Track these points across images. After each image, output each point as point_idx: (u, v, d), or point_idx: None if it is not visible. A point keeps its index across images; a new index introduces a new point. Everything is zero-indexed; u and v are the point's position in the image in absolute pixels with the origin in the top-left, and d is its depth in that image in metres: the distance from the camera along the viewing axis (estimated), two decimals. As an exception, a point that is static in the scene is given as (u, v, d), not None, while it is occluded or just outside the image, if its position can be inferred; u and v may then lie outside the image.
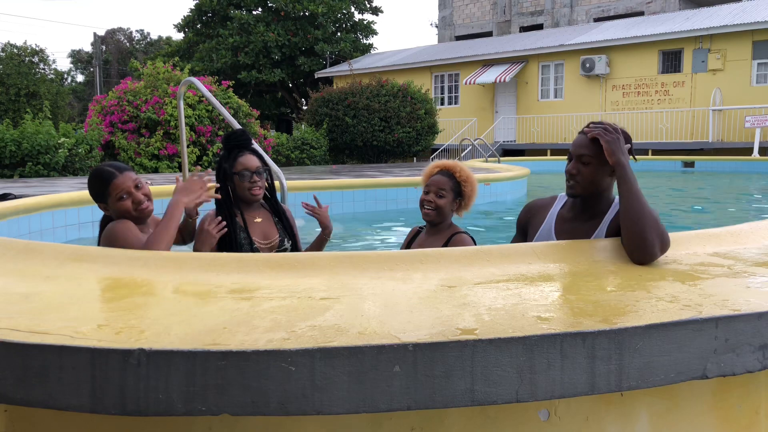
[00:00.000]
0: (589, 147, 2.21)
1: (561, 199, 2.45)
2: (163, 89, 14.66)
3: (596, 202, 2.29)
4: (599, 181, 2.23)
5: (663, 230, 1.99)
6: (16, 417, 1.47)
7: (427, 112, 19.99)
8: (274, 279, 1.79)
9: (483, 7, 30.78)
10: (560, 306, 1.50)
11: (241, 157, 2.82)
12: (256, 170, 2.81)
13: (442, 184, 2.76)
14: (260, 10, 30.10)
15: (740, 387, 1.60)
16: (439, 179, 2.77)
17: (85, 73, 51.89)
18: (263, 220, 2.91)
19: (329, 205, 3.01)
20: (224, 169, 2.83)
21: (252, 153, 2.86)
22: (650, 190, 12.43)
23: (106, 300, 1.64)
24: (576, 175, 2.23)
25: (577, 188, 2.25)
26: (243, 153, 2.84)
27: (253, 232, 2.84)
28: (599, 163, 2.21)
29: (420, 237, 2.89)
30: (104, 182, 2.44)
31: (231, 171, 2.81)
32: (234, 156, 2.83)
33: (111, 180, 2.43)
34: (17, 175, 12.36)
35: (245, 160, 2.81)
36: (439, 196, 2.74)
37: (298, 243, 2.98)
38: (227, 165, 2.82)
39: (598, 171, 2.21)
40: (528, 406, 1.44)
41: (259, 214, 2.91)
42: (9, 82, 25.93)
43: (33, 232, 5.33)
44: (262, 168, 2.85)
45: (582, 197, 2.28)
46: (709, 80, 19.62)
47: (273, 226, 2.92)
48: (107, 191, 2.43)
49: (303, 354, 1.23)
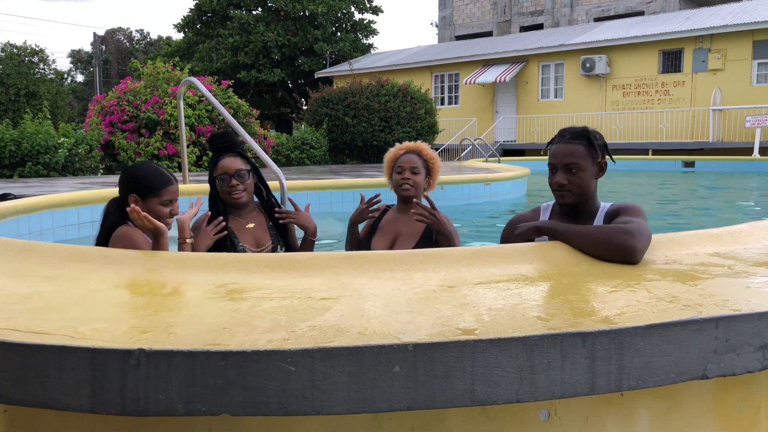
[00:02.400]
0: (573, 155, 2.22)
1: (545, 210, 2.45)
2: (162, 89, 14.66)
3: (585, 206, 2.29)
4: (589, 185, 2.25)
5: (626, 232, 1.93)
6: (16, 417, 1.47)
7: (427, 112, 19.99)
8: (274, 279, 1.79)
9: (483, 7, 30.78)
10: (560, 306, 1.50)
11: (221, 160, 2.76)
12: (236, 173, 2.72)
13: (414, 162, 2.90)
14: (260, 10, 30.11)
15: (740, 387, 1.60)
16: (410, 157, 2.91)
17: (85, 73, 51.92)
18: (256, 226, 2.83)
19: (310, 204, 2.96)
20: (210, 175, 2.80)
21: (236, 155, 2.78)
22: (650, 191, 12.44)
23: (106, 300, 1.64)
24: (566, 185, 2.23)
25: (569, 197, 2.25)
26: (223, 156, 2.77)
27: (244, 238, 2.77)
28: (586, 167, 2.22)
29: (391, 216, 2.97)
30: (163, 182, 2.43)
31: (212, 175, 2.78)
32: (215, 159, 2.78)
33: (170, 183, 2.45)
34: (17, 175, 12.36)
35: (225, 163, 2.74)
36: (414, 172, 2.88)
37: (294, 246, 2.93)
38: (210, 168, 2.80)
39: (586, 175, 2.23)
40: (528, 407, 1.44)
41: (253, 219, 2.84)
42: (9, 82, 25.93)
43: (33, 232, 5.33)
44: (244, 170, 2.75)
45: (571, 204, 2.29)
46: (709, 80, 19.62)
47: (266, 231, 2.85)
48: (161, 192, 2.41)
49: (303, 354, 1.23)
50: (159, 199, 2.42)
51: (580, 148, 2.22)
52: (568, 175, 2.23)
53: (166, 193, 2.43)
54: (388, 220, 2.96)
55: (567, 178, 2.23)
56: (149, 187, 2.42)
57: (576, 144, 2.23)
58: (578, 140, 2.24)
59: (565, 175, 2.23)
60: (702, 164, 16.52)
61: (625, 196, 11.01)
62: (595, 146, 2.24)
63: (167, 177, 2.47)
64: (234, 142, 2.84)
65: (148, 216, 2.25)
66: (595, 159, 2.25)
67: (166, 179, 2.45)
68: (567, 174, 2.23)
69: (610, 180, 13.35)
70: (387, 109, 19.37)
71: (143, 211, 2.29)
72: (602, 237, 1.96)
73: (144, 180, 2.43)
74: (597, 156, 2.25)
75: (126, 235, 2.37)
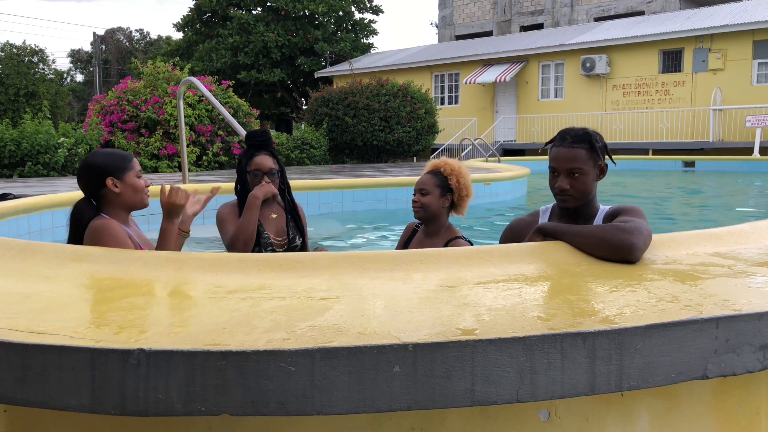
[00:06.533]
0: (575, 159, 2.20)
1: (545, 213, 2.45)
2: (162, 89, 14.66)
3: (585, 209, 2.30)
4: (590, 187, 2.25)
5: (625, 231, 1.94)
6: (16, 417, 1.47)
7: (427, 111, 19.99)
8: (274, 279, 1.78)
9: (483, 7, 30.77)
10: (560, 306, 1.50)
11: (256, 157, 3.00)
12: (269, 171, 2.99)
13: (424, 183, 2.82)
14: (260, 10, 30.10)
15: (741, 387, 1.60)
16: (422, 178, 2.85)
17: (85, 73, 51.90)
18: (278, 217, 3.09)
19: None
20: (242, 165, 3.04)
21: (269, 154, 3.03)
22: (650, 190, 12.44)
23: (106, 300, 1.63)
24: (568, 190, 2.22)
25: (570, 201, 2.25)
26: (259, 153, 3.01)
27: (268, 227, 3.02)
28: (588, 171, 2.22)
29: (417, 236, 2.93)
30: (127, 156, 2.50)
31: (245, 169, 3.02)
32: (251, 155, 3.02)
33: (132, 156, 2.53)
34: (17, 175, 12.36)
35: (260, 161, 3.00)
36: (423, 194, 2.79)
37: (306, 241, 3.17)
38: (244, 162, 3.03)
39: (588, 179, 2.23)
40: (528, 407, 1.44)
41: (275, 211, 3.09)
42: (8, 82, 25.94)
43: (33, 232, 5.33)
44: (275, 169, 3.03)
45: (572, 207, 2.29)
46: (709, 80, 19.61)
47: (285, 224, 3.10)
48: (132, 164, 2.47)
49: (303, 354, 1.23)
50: (134, 172, 2.47)
51: (582, 153, 2.21)
52: (570, 179, 2.22)
53: (135, 165, 2.50)
54: (416, 239, 2.94)
55: (569, 182, 2.22)
56: (120, 165, 2.45)
57: (578, 148, 2.21)
58: (580, 144, 2.22)
59: (567, 179, 2.22)
60: (702, 164, 16.52)
61: (625, 196, 11.01)
62: (596, 149, 2.24)
63: (126, 152, 2.57)
64: (271, 142, 3.09)
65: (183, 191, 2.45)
66: (596, 162, 2.24)
67: (127, 154, 2.54)
68: (569, 179, 2.22)
69: (611, 180, 13.35)
70: (387, 108, 19.36)
71: (123, 189, 2.41)
72: (601, 235, 1.97)
73: (112, 160, 2.46)
74: (598, 159, 2.25)
75: (104, 226, 2.36)
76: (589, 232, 2.02)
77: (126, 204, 2.45)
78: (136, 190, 2.44)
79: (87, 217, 2.43)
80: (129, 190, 2.43)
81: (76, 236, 2.42)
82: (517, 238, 2.41)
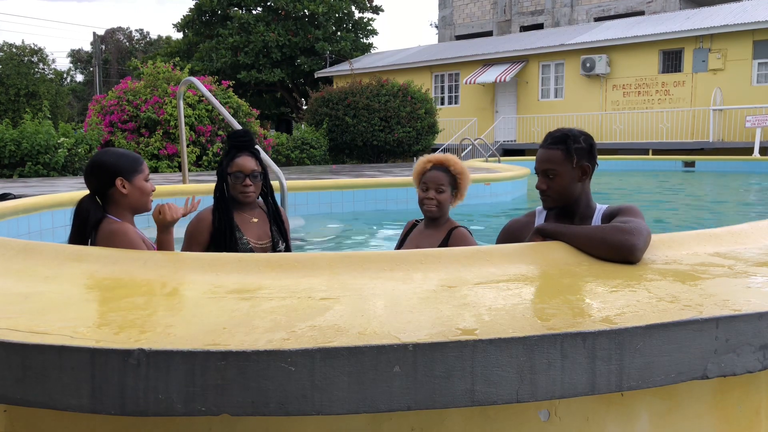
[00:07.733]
0: (549, 161, 2.26)
1: (540, 213, 2.47)
2: (162, 89, 14.66)
3: (577, 207, 2.32)
4: (569, 189, 2.28)
5: (625, 231, 1.95)
6: (16, 417, 1.47)
7: (427, 111, 19.98)
8: (274, 279, 1.78)
9: (483, 7, 30.77)
10: (560, 306, 1.50)
11: (238, 158, 2.84)
12: (251, 173, 2.82)
13: (441, 180, 2.78)
14: (260, 10, 30.10)
15: (740, 387, 1.60)
16: (436, 175, 2.79)
17: (85, 73, 51.90)
18: (259, 221, 2.93)
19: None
20: (222, 167, 2.86)
21: (251, 155, 2.87)
22: (650, 190, 12.43)
23: (106, 300, 1.63)
24: (546, 190, 2.29)
25: (550, 201, 2.32)
26: (241, 154, 2.85)
27: (248, 232, 2.86)
28: (563, 173, 2.25)
29: (417, 230, 2.91)
30: (139, 158, 2.49)
31: (226, 171, 2.85)
32: (232, 156, 2.86)
33: (142, 159, 2.51)
34: (17, 175, 12.36)
35: (241, 162, 2.83)
36: (439, 191, 2.77)
37: (289, 245, 3.01)
38: (225, 163, 2.86)
39: (564, 180, 2.26)
40: (528, 407, 1.44)
41: (256, 215, 2.93)
42: (8, 82, 25.95)
43: (33, 232, 5.33)
44: (258, 171, 2.86)
45: (560, 207, 2.33)
46: (709, 80, 19.61)
47: (268, 227, 2.94)
48: (142, 166, 2.47)
49: (303, 354, 1.23)
50: (143, 175, 2.46)
51: (557, 154, 2.25)
52: (547, 180, 2.28)
53: (145, 168, 2.49)
54: (414, 234, 2.91)
55: (546, 183, 2.28)
56: (131, 167, 2.44)
57: (553, 150, 2.26)
58: (556, 146, 2.27)
59: (544, 179, 2.29)
60: (702, 164, 16.52)
61: (626, 196, 11.01)
62: (572, 151, 2.24)
63: (137, 154, 2.55)
64: (254, 142, 2.94)
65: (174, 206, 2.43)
66: (574, 163, 2.24)
67: (139, 156, 2.52)
68: (545, 179, 2.28)
69: (611, 180, 13.35)
70: (387, 108, 19.36)
71: (131, 191, 2.41)
72: (602, 236, 1.98)
73: (124, 161, 2.44)
74: (577, 160, 2.24)
75: (121, 231, 2.36)
76: (589, 233, 2.03)
77: (131, 205, 2.45)
78: (143, 193, 2.44)
79: (94, 217, 2.41)
80: (136, 193, 2.43)
81: (80, 233, 2.40)
82: (513, 239, 2.43)
